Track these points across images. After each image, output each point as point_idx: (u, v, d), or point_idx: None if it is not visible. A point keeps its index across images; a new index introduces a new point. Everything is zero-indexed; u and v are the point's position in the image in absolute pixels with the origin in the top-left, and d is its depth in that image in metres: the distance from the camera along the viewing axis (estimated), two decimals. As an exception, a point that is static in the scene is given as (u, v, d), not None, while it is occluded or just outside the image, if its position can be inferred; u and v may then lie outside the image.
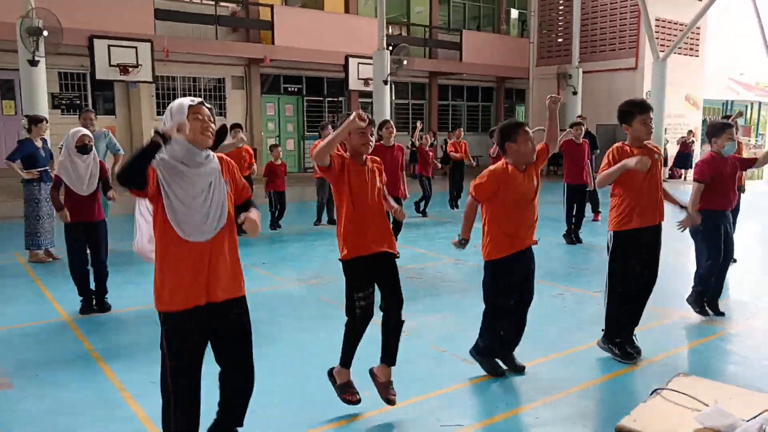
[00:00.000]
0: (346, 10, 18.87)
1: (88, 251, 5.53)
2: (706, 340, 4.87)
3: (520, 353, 4.20)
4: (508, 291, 3.97)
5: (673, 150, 19.55)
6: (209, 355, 2.81)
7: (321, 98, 19.49)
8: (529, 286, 4.06)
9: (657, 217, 4.28)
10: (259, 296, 5.72)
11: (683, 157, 19.19)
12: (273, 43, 16.49)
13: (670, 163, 19.24)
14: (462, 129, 13.52)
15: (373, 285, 3.44)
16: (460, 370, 4.16)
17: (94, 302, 5.48)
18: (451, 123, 22.64)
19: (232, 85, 17.53)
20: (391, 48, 15.66)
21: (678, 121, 20.11)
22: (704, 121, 21.81)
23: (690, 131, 19.82)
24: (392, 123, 7.14)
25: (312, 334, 4.93)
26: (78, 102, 15.44)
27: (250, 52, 16.66)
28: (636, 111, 4.17)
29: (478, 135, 22.71)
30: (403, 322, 3.52)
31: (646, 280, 4.35)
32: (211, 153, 2.74)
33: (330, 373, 3.60)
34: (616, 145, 4.32)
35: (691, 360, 4.53)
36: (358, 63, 17.07)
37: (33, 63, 10.24)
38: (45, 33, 9.95)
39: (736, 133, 5.22)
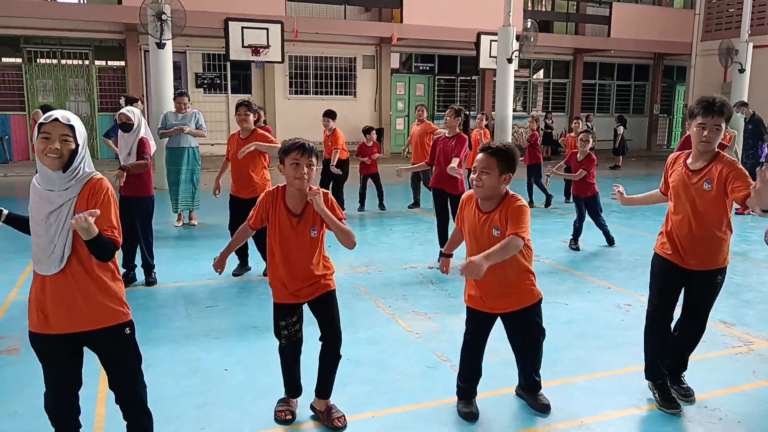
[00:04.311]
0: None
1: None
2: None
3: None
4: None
5: None
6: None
7: (453, 77, 19.01)
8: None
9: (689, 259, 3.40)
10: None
11: None
12: (401, 21, 16.31)
13: None
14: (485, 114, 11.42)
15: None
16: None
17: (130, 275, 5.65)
18: (597, 104, 21.04)
19: (363, 65, 17.66)
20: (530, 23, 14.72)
21: None
22: None
23: None
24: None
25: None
26: (218, 81, 16.50)
27: (377, 31, 16.64)
28: (695, 111, 3.24)
29: (628, 117, 20.86)
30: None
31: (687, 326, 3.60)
32: (75, 177, 2.41)
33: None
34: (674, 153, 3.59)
35: (742, 405, 3.66)
36: (491, 40, 16.31)
37: (160, 45, 11.01)
38: (164, 17, 10.60)
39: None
